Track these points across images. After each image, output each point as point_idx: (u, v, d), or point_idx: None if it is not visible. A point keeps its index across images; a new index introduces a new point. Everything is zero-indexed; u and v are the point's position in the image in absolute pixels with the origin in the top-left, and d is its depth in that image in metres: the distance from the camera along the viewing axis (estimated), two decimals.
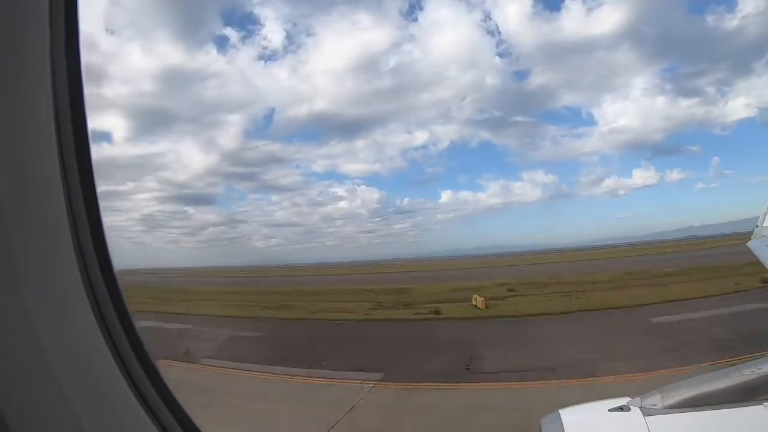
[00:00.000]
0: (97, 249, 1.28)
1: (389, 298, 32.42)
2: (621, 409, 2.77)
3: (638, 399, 2.78)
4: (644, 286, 27.75)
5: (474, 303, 26.69)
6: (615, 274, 35.18)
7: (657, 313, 19.70)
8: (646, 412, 2.65)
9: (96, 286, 1.25)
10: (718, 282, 25.02)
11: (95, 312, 1.22)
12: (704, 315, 18.37)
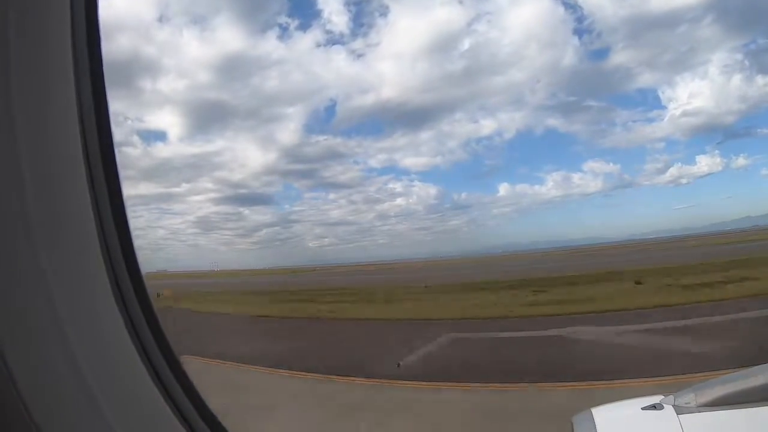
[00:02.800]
0: (123, 248, 1.28)
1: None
2: (654, 407, 2.68)
3: (671, 397, 2.68)
4: None
5: None
6: None
7: None
8: (680, 410, 2.55)
9: (122, 284, 1.26)
10: None
11: (122, 311, 1.24)
12: None
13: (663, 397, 2.71)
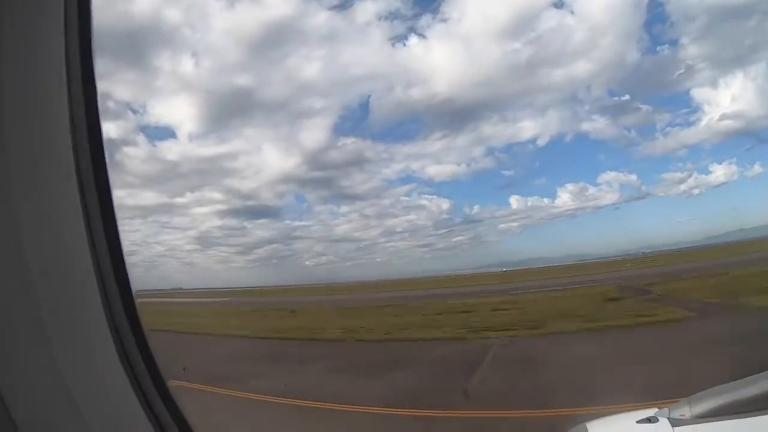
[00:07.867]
0: (113, 258, 1.27)
1: None
2: (648, 420, 2.67)
3: (666, 409, 2.66)
4: None
5: None
6: None
7: None
8: (675, 423, 2.53)
9: (110, 294, 1.25)
10: None
11: (108, 319, 1.23)
12: None
13: (657, 410, 2.70)
